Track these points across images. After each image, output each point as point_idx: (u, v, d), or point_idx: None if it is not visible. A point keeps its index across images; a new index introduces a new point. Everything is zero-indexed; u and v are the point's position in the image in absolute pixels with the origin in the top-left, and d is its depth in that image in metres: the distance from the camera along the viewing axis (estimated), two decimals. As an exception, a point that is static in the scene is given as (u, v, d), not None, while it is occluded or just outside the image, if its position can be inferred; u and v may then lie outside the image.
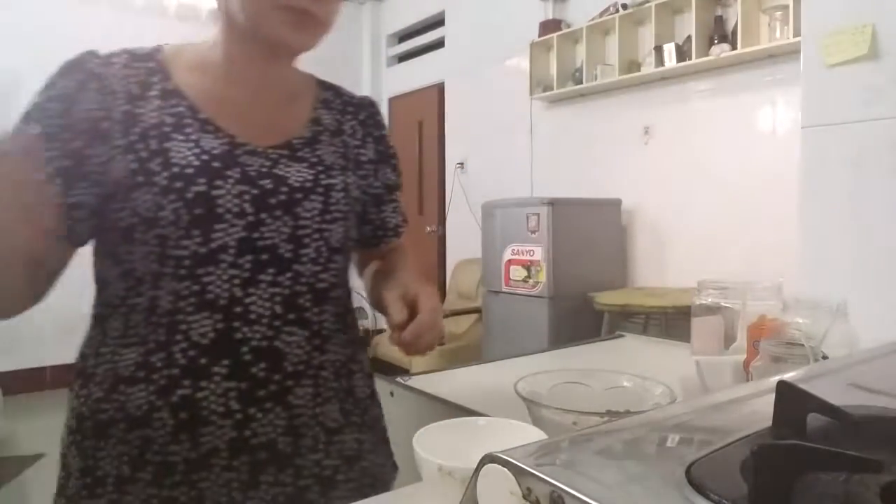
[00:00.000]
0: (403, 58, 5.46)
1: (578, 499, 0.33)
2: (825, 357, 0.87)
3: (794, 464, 0.33)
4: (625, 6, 3.32)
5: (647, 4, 3.18)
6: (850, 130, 1.36)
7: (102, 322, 0.74)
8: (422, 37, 5.22)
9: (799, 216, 1.49)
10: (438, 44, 4.98)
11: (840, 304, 0.95)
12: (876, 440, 0.41)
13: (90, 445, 0.71)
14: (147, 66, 0.75)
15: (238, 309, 0.71)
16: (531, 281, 3.17)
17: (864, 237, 1.34)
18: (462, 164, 4.70)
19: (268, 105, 0.80)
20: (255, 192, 0.73)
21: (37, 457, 2.95)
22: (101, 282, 0.76)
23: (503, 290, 3.33)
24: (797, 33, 2.47)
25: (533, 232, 3.18)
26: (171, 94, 0.74)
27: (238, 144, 0.74)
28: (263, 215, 0.73)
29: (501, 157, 4.30)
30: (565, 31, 3.67)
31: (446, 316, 3.43)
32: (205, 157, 0.71)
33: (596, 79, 3.46)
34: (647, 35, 3.25)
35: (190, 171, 0.70)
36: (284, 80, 0.82)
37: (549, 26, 3.75)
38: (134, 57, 0.75)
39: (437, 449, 0.62)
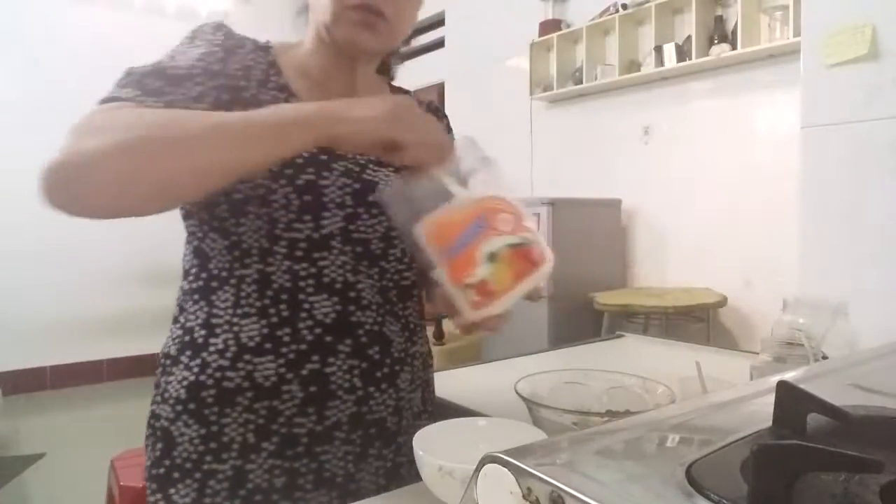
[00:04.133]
0: (403, 58, 5.46)
1: (578, 499, 0.33)
2: (825, 357, 0.87)
3: (794, 464, 0.33)
4: (625, 6, 3.32)
5: (647, 4, 3.18)
6: (850, 130, 1.36)
7: (208, 294, 0.76)
8: (422, 37, 5.21)
9: (799, 216, 1.49)
10: (438, 44, 4.98)
11: (840, 304, 0.95)
12: (876, 440, 0.41)
13: (213, 412, 0.73)
14: (267, 58, 0.79)
15: (352, 294, 0.76)
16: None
17: (864, 237, 1.34)
18: (462, 164, 4.69)
19: None
20: (356, 185, 0.78)
21: (37, 457, 2.96)
22: (203, 256, 0.77)
23: (503, 290, 3.32)
24: (797, 33, 2.47)
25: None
26: (283, 88, 0.78)
27: None
28: (361, 210, 0.77)
29: (501, 158, 4.27)
30: (565, 31, 3.67)
31: (446, 316, 3.43)
32: (312, 148, 0.73)
33: (596, 79, 3.46)
34: (647, 35, 3.25)
35: (299, 160, 0.74)
36: (368, 87, 0.86)
37: (549, 26, 3.75)
38: (256, 45, 0.80)
39: (437, 449, 0.62)
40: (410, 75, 5.73)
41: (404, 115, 0.63)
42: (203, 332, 0.75)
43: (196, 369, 0.74)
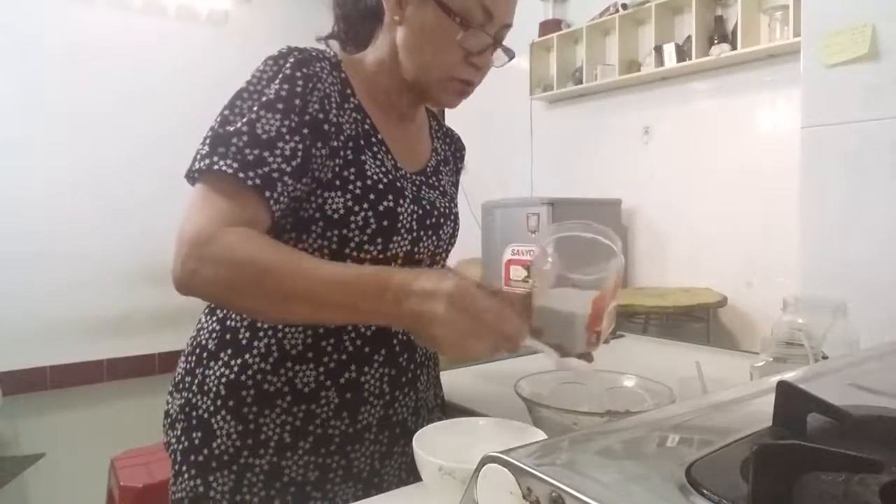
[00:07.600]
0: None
1: (578, 499, 0.33)
2: (825, 357, 0.87)
3: (794, 464, 0.33)
4: (625, 6, 3.32)
5: (647, 4, 3.18)
6: (850, 130, 1.36)
7: None
8: (422, 37, 5.21)
9: (799, 216, 1.49)
10: (438, 44, 4.98)
11: (840, 304, 0.95)
12: (876, 440, 0.41)
13: (252, 412, 0.78)
14: (340, 76, 0.81)
15: None
16: (531, 281, 3.17)
17: (864, 237, 1.34)
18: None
19: (410, 133, 0.91)
20: (420, 211, 0.84)
21: (37, 457, 2.96)
22: None
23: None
24: (797, 33, 2.47)
25: (533, 232, 3.18)
26: (358, 109, 0.81)
27: (398, 168, 0.84)
28: (422, 233, 0.84)
29: (501, 158, 4.30)
30: (565, 31, 3.67)
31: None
32: (390, 175, 0.81)
33: (596, 79, 3.46)
34: (647, 35, 3.25)
35: (381, 186, 0.78)
36: (420, 115, 0.94)
37: (549, 26, 3.75)
38: (331, 65, 0.80)
39: (437, 449, 0.62)
40: (410, 75, 5.65)
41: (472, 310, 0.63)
42: (247, 335, 0.79)
43: (236, 369, 0.78)
